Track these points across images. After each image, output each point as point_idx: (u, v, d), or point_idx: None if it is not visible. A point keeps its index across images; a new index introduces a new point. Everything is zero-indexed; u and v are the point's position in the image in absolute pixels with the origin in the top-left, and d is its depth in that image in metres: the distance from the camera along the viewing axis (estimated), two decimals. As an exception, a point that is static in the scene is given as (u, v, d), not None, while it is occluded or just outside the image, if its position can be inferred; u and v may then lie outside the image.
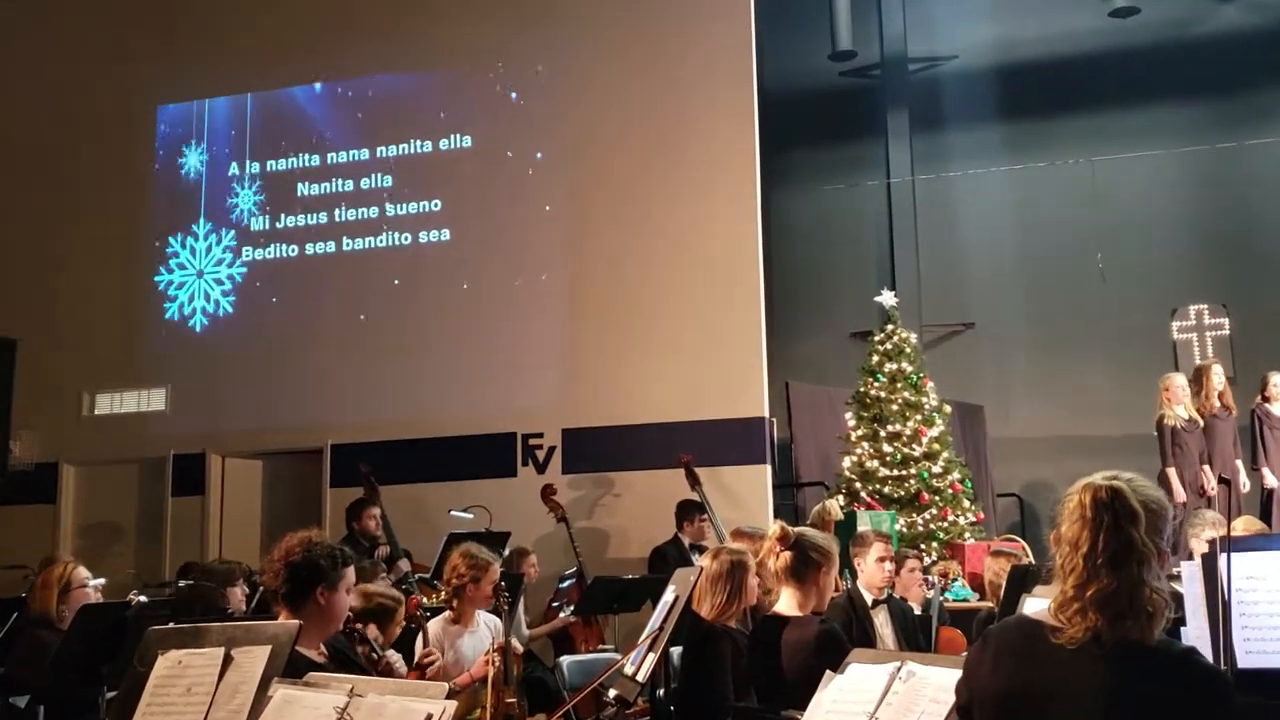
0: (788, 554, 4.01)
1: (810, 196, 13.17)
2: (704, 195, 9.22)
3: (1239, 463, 8.86)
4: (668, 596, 4.16)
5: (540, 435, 9.28)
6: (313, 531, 3.55)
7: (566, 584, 7.92)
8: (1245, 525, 5.61)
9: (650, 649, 4.00)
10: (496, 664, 4.42)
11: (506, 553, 7.57)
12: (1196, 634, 3.13)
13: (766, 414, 8.98)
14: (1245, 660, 2.53)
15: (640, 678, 3.99)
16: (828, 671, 3.16)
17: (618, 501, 9.01)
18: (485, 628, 4.95)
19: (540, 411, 9.31)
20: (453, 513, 8.52)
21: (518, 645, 5.10)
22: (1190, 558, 3.70)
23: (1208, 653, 2.56)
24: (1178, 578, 3.44)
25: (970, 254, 12.77)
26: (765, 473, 8.89)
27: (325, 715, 2.68)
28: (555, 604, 7.73)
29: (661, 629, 4.01)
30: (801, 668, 3.70)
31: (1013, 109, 12.79)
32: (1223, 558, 2.66)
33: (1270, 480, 8.73)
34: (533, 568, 7.53)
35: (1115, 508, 2.24)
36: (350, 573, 3.52)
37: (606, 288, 9.35)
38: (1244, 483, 8.89)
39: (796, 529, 4.15)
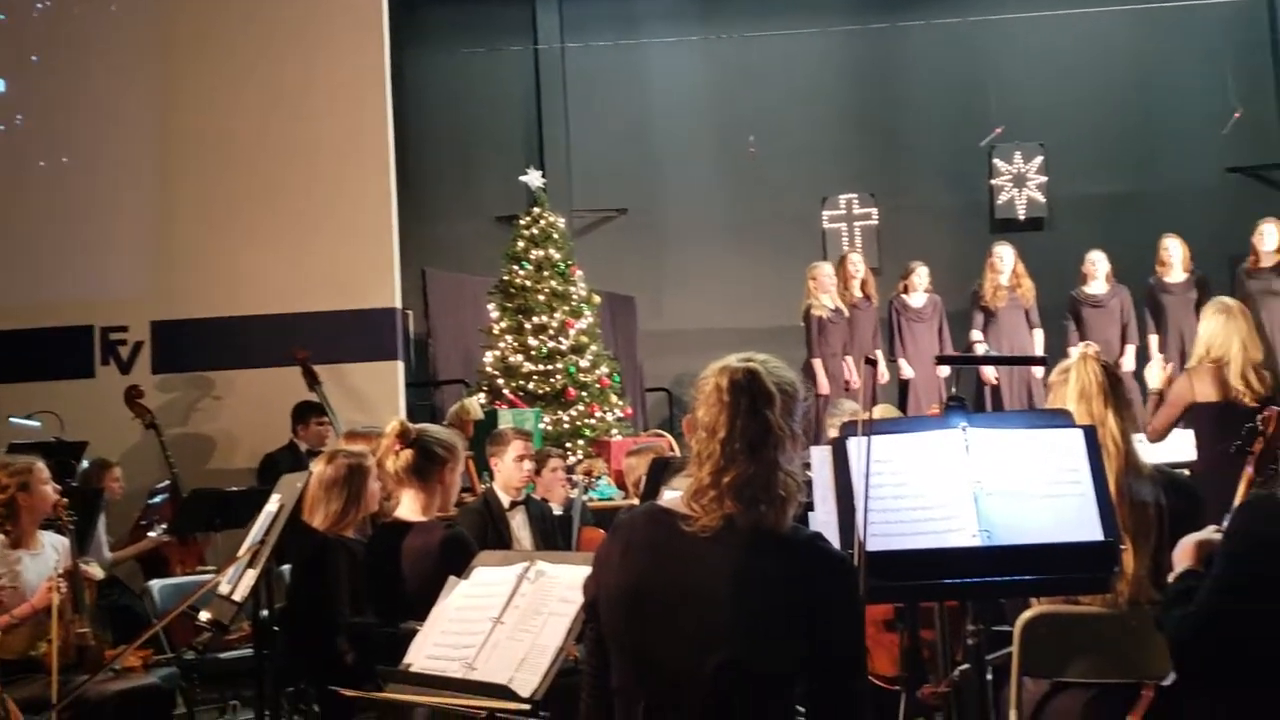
0: (408, 452, 3.99)
1: (449, 60, 12.93)
2: (322, 51, 8.79)
3: (879, 354, 9.67)
4: (270, 506, 4.05)
5: (124, 329, 8.67)
6: None
7: (158, 499, 7.55)
8: (882, 413, 6.12)
9: (250, 565, 3.88)
10: (63, 590, 4.15)
11: (84, 465, 7.09)
12: (825, 519, 3.39)
13: (399, 304, 8.85)
14: (872, 544, 2.74)
15: (238, 597, 3.87)
16: (451, 578, 3.22)
17: (222, 405, 8.62)
18: (52, 550, 4.63)
19: (124, 300, 8.68)
20: (13, 420, 7.86)
21: (97, 570, 4.79)
22: (830, 447, 3.95)
23: (834, 537, 2.75)
24: (808, 465, 3.71)
25: (622, 134, 13.03)
26: (397, 370, 8.77)
27: None
28: (144, 522, 7.35)
29: (263, 542, 3.90)
30: (424, 576, 3.70)
31: (669, -26, 13.07)
32: (859, 441, 2.84)
33: (907, 371, 9.60)
34: (116, 482, 7.10)
35: (752, 390, 2.34)
36: None
37: (206, 157, 8.76)
38: (883, 373, 9.72)
39: (418, 425, 4.12)
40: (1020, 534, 2.73)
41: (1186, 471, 5.82)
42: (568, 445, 9.30)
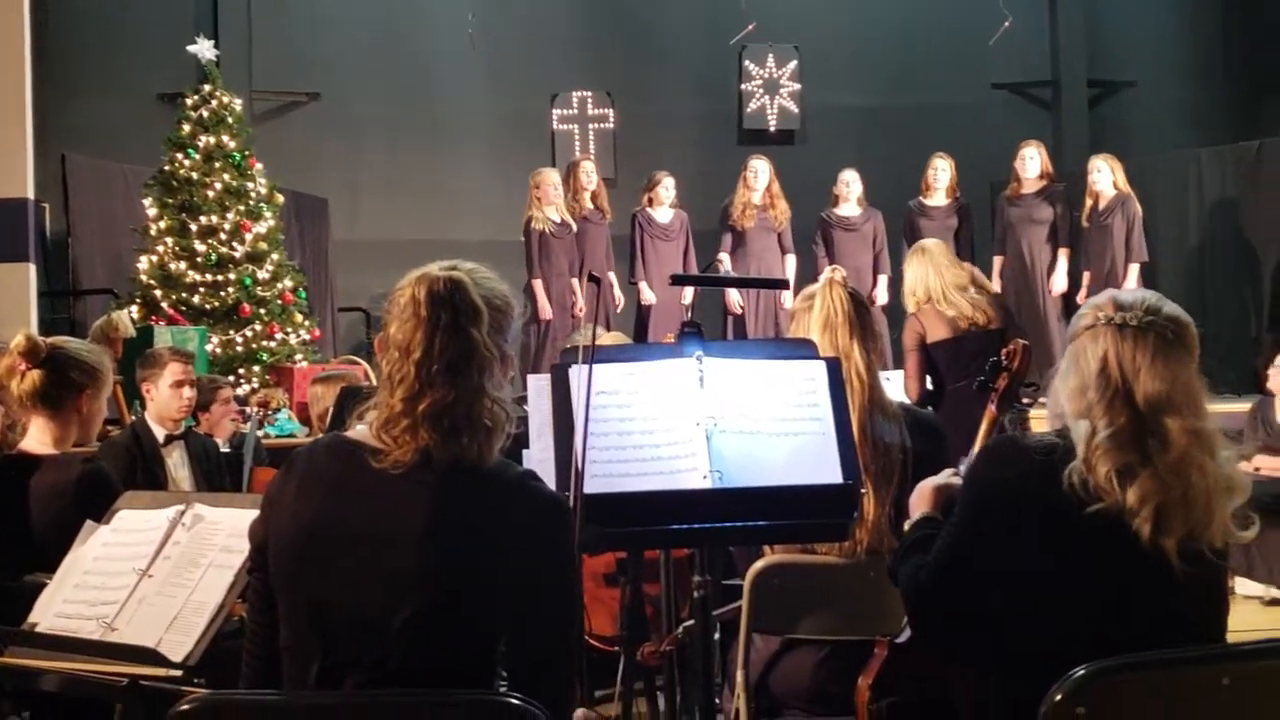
0: (36, 372, 3.80)
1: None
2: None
3: (613, 275, 9.78)
4: None
5: None
6: None
7: None
8: (612, 340, 6.22)
9: None
10: None
11: None
12: (541, 457, 3.43)
13: (31, 195, 8.52)
14: (590, 485, 2.77)
15: None
16: (89, 522, 3.17)
17: None
18: None
19: None
20: None
21: None
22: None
23: (551, 479, 2.77)
24: (524, 399, 3.74)
25: (317, 3, 12.66)
26: (28, 274, 8.48)
27: None
28: None
29: None
30: (55, 520, 3.58)
31: None
32: (580, 369, 2.86)
33: (647, 295, 9.74)
34: None
35: (455, 304, 2.32)
36: None
37: None
38: (619, 298, 9.86)
39: (52, 340, 3.93)
40: (755, 475, 2.82)
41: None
42: (240, 371, 9.11)
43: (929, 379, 6.36)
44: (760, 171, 9.84)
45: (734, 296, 9.81)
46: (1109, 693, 2.18)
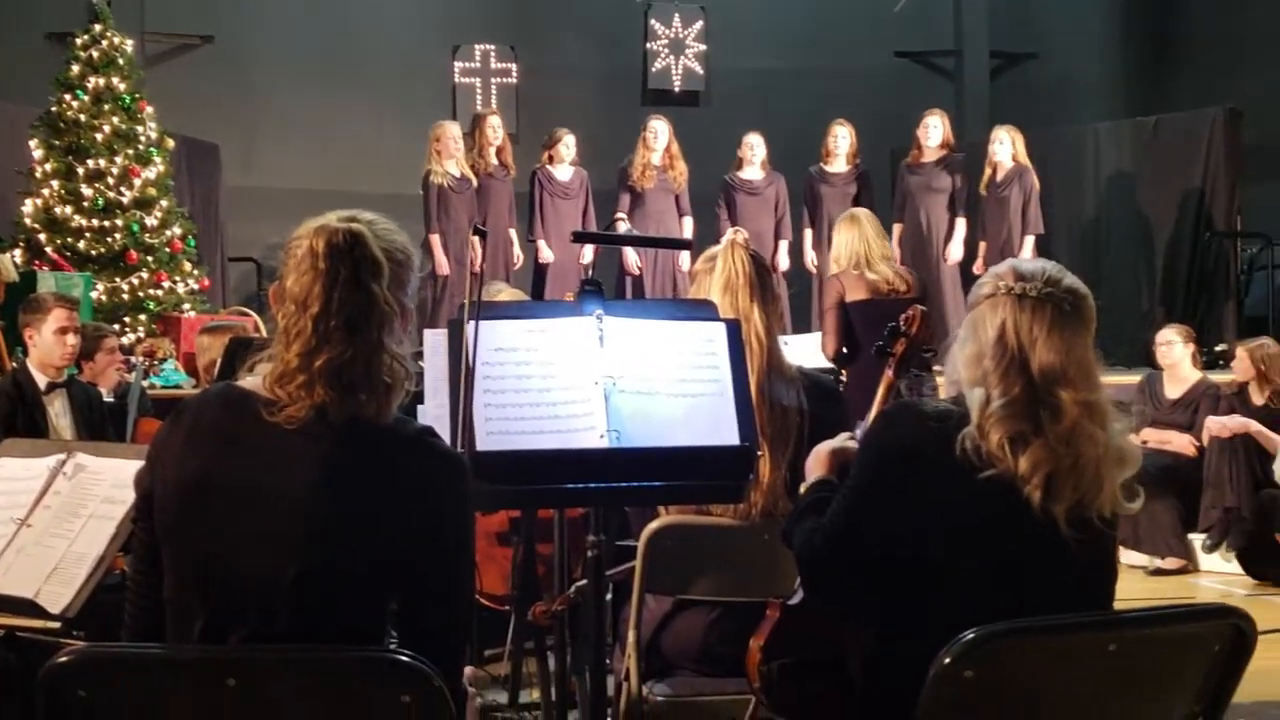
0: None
1: None
2: None
3: (513, 232, 9.75)
4: None
5: None
6: None
7: None
8: (510, 297, 6.21)
9: None
10: None
11: None
12: (436, 414, 3.41)
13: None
14: (485, 442, 2.76)
15: None
16: None
17: None
18: None
19: None
20: None
21: None
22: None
23: (446, 434, 2.76)
24: (420, 355, 3.72)
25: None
26: (-96, 215, 8.19)
27: None
28: None
29: None
30: (-71, 468, 3.47)
31: None
32: (470, 325, 2.85)
33: (546, 253, 9.72)
34: None
35: (355, 257, 2.27)
36: None
37: None
38: (518, 255, 9.83)
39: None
40: (652, 435, 2.82)
41: (843, 376, 6.36)
42: (126, 320, 8.96)
43: (845, 344, 6.48)
44: (660, 132, 9.82)
45: (632, 257, 9.83)
46: (997, 656, 2.21)
